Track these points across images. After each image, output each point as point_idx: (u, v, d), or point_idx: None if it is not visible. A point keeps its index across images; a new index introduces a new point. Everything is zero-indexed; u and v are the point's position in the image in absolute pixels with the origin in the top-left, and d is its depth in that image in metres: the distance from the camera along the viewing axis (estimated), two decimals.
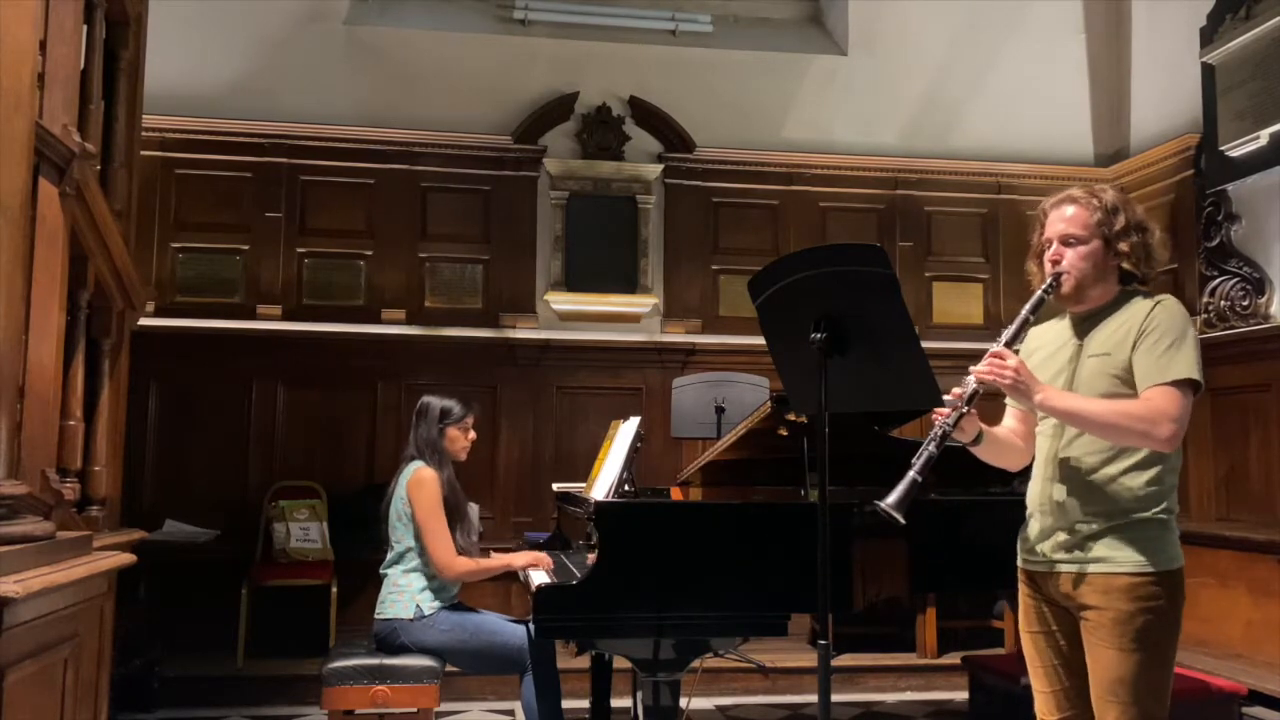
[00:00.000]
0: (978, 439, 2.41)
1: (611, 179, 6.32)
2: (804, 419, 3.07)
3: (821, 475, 2.30)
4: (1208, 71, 5.75)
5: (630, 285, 6.28)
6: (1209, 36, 5.74)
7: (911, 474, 2.18)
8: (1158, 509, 2.24)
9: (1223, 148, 5.62)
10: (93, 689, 2.67)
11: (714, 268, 6.45)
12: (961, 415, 2.26)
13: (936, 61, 6.62)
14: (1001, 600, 5.34)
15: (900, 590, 3.25)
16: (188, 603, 5.07)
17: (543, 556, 3.51)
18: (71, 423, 2.82)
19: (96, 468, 3.05)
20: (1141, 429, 2.18)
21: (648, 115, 6.38)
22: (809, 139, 6.57)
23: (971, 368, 2.26)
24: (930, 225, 6.69)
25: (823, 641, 2.27)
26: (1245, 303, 5.54)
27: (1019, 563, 2.45)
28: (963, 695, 4.70)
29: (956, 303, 6.66)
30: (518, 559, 3.56)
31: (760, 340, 2.59)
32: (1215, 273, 5.74)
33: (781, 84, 6.54)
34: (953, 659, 5.16)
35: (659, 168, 6.38)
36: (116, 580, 2.89)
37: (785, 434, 3.24)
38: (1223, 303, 5.66)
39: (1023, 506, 2.46)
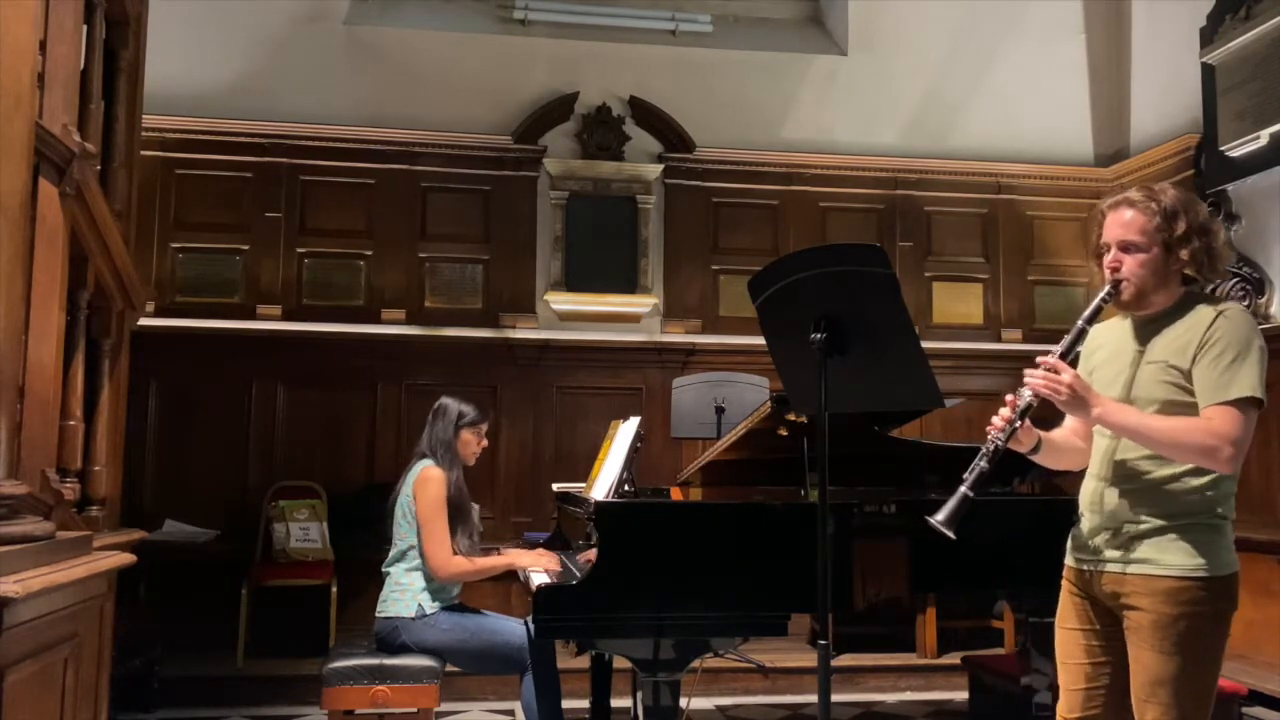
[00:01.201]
0: (1036, 447, 2.37)
1: (611, 179, 6.32)
2: (804, 419, 3.07)
3: (821, 475, 2.30)
4: (1208, 71, 5.75)
5: (630, 285, 6.28)
6: (1209, 36, 5.74)
7: (963, 490, 2.17)
8: (1211, 513, 2.20)
9: (1223, 148, 5.62)
10: (93, 689, 2.67)
11: (714, 268, 6.45)
12: (1014, 430, 2.22)
13: (936, 61, 6.62)
14: (1001, 600, 5.33)
15: (900, 590, 3.24)
16: (188, 603, 5.06)
17: (549, 558, 3.48)
18: (71, 423, 2.81)
19: (96, 468, 3.05)
20: (1201, 452, 2.14)
21: (648, 115, 6.38)
22: (809, 139, 6.57)
23: (1027, 379, 2.21)
24: (930, 225, 6.69)
25: (823, 641, 2.28)
26: (1245, 303, 5.53)
27: (1067, 560, 2.41)
28: (963, 695, 4.69)
29: (956, 303, 6.66)
30: (521, 558, 3.53)
31: (760, 340, 2.59)
32: None
33: (781, 84, 6.54)
34: (953, 659, 5.16)
35: (659, 168, 6.38)
36: (116, 580, 2.89)
37: (785, 434, 3.24)
38: None
39: (1023, 506, 2.46)
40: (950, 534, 2.15)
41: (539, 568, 3.40)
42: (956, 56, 6.63)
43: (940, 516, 2.16)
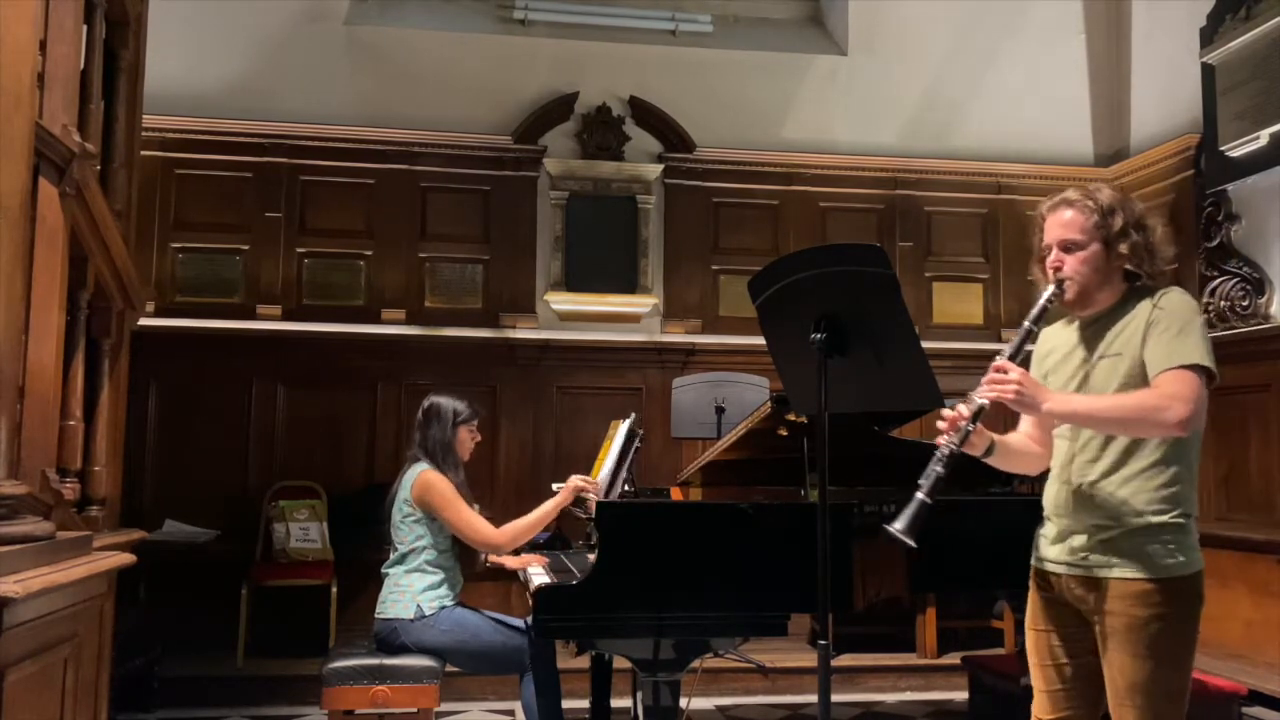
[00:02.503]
0: (989, 450, 2.38)
1: (611, 179, 6.32)
2: (804, 419, 3.07)
3: (821, 475, 2.30)
4: (1208, 71, 5.74)
5: (630, 285, 6.28)
6: (1209, 37, 5.74)
7: (919, 496, 2.15)
8: (1173, 513, 2.21)
9: (1223, 148, 5.62)
10: (93, 689, 2.67)
11: (714, 268, 6.45)
12: (967, 434, 2.22)
13: (936, 61, 6.62)
14: (1001, 600, 5.33)
15: (900, 590, 3.25)
16: (188, 603, 5.06)
17: (587, 482, 3.43)
18: (71, 423, 2.81)
19: (96, 468, 3.04)
20: (1154, 417, 2.13)
21: (648, 115, 6.38)
22: (809, 139, 6.57)
23: (980, 388, 2.22)
24: (930, 225, 6.69)
25: (823, 641, 2.28)
26: (1245, 303, 5.54)
27: (1032, 562, 2.43)
28: (963, 695, 4.70)
29: (956, 303, 6.66)
30: (565, 493, 3.46)
31: (760, 340, 2.58)
32: (1215, 273, 5.74)
33: (781, 84, 6.54)
34: (953, 659, 5.16)
35: (659, 168, 6.38)
36: (116, 580, 2.89)
37: (785, 434, 3.24)
38: (1223, 303, 5.66)
39: (1022, 506, 2.46)
40: (910, 542, 2.13)
41: (583, 489, 3.37)
42: (956, 56, 6.63)
43: (899, 525, 2.13)
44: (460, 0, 6.49)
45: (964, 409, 2.23)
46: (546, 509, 3.46)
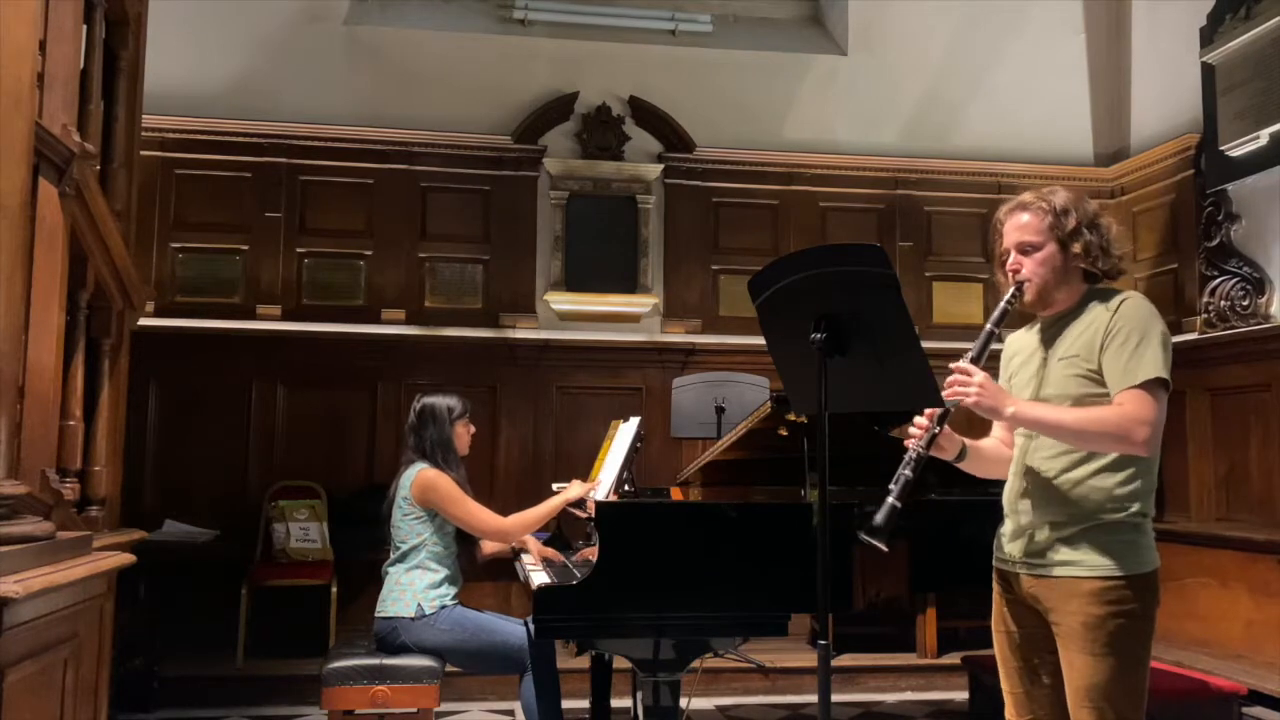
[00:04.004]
0: (961, 454, 2.41)
1: (611, 179, 6.32)
2: (804, 419, 3.07)
3: (821, 475, 2.30)
4: (1208, 71, 5.74)
5: (630, 285, 6.27)
6: (1209, 36, 5.74)
7: (890, 500, 2.18)
8: (1129, 511, 2.23)
9: (1223, 148, 5.62)
10: (93, 689, 2.67)
11: (714, 268, 6.45)
12: (934, 437, 2.25)
13: (936, 61, 6.62)
14: None
15: (900, 590, 3.25)
16: (188, 603, 5.07)
17: (584, 487, 3.46)
18: (71, 423, 2.82)
19: (96, 468, 3.05)
20: (1116, 436, 2.17)
21: (648, 115, 6.38)
22: (809, 139, 6.57)
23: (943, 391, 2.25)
24: (930, 225, 6.69)
25: (823, 641, 2.27)
26: (1245, 303, 5.54)
27: (994, 561, 2.45)
28: (963, 695, 4.70)
29: (956, 303, 6.65)
30: (572, 490, 3.50)
31: (760, 340, 2.58)
32: (1215, 273, 5.74)
33: (781, 84, 6.54)
34: (953, 659, 5.16)
35: (659, 168, 6.37)
36: (116, 580, 2.89)
37: (785, 434, 3.24)
38: (1223, 303, 5.66)
39: None
40: (883, 546, 2.15)
41: (587, 491, 3.40)
42: (956, 56, 6.63)
43: (869, 528, 2.16)
44: (460, 0, 6.49)
45: (930, 412, 2.26)
46: (554, 503, 3.52)
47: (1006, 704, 2.41)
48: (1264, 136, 5.35)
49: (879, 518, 2.16)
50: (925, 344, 2.34)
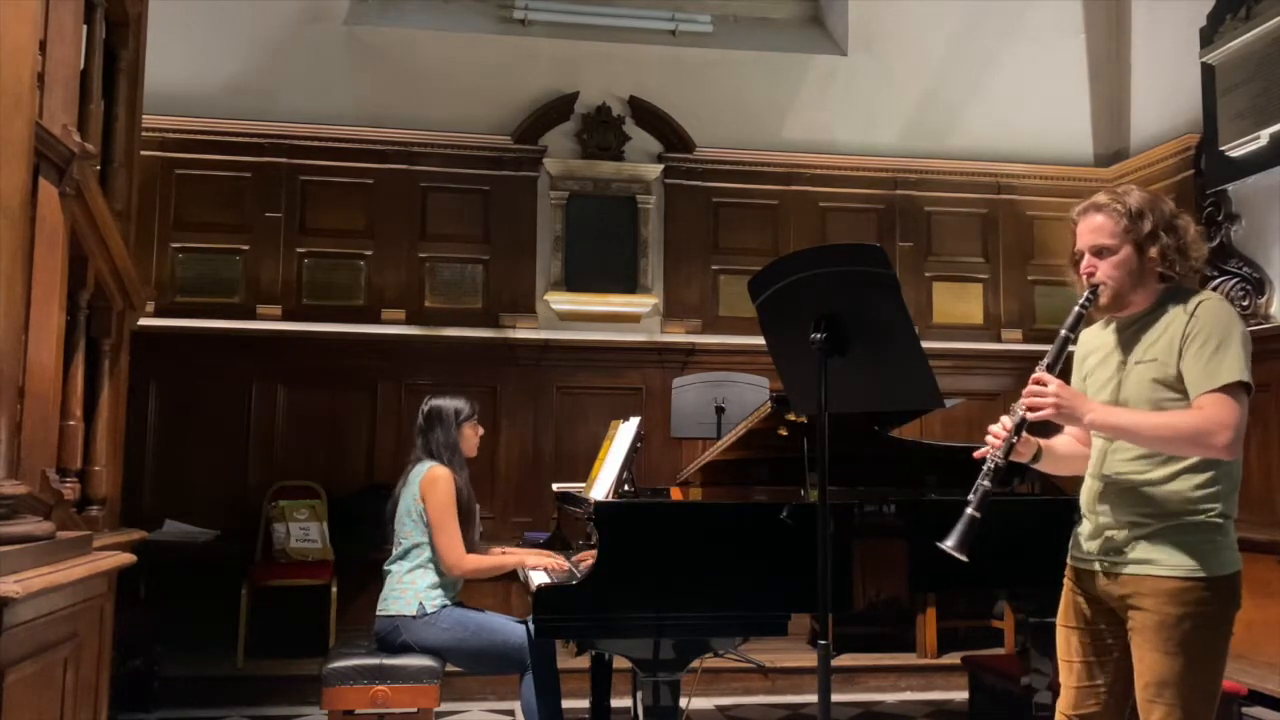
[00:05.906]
0: (1036, 456, 2.38)
1: (611, 179, 6.32)
2: (804, 419, 3.07)
3: (821, 475, 2.30)
4: (1208, 71, 5.74)
5: (630, 285, 6.28)
6: (1209, 37, 5.74)
7: (969, 511, 2.17)
8: (1210, 512, 2.20)
9: (1223, 148, 5.62)
10: (93, 689, 2.67)
11: (714, 268, 6.45)
12: (1011, 447, 2.23)
13: (936, 61, 6.62)
14: (1001, 600, 5.33)
15: (900, 590, 3.25)
16: (188, 603, 5.06)
17: (557, 559, 3.49)
18: (71, 423, 2.81)
19: (96, 468, 3.05)
20: (1197, 440, 2.15)
21: (647, 115, 6.38)
22: (809, 139, 6.57)
23: (1020, 400, 2.23)
24: (930, 225, 6.69)
25: (823, 641, 2.28)
26: (1245, 303, 5.54)
27: (1068, 559, 2.43)
28: (963, 695, 4.69)
29: (956, 303, 6.66)
30: (529, 558, 3.54)
31: (760, 340, 2.59)
32: (1215, 273, 5.73)
33: (781, 84, 6.54)
34: (953, 659, 5.16)
35: (659, 168, 6.37)
36: (116, 580, 2.89)
37: (785, 434, 3.24)
38: None
39: (1022, 506, 2.46)
40: (963, 557, 2.15)
41: (545, 567, 3.41)
42: (956, 56, 6.62)
43: (951, 541, 2.15)
44: (460, 0, 6.49)
45: (1007, 421, 2.24)
46: (509, 561, 3.55)
47: (1061, 696, 2.39)
48: (1264, 137, 5.35)
49: (959, 530, 2.15)
50: (925, 344, 2.34)
